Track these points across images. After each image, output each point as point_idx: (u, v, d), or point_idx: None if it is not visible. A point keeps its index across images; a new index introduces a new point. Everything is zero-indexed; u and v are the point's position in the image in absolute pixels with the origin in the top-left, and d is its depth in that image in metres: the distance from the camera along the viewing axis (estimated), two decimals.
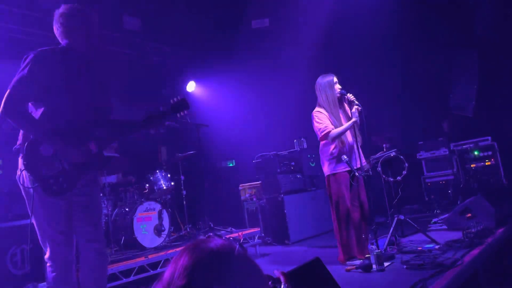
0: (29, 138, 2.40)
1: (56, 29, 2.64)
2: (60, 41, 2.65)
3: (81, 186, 2.55)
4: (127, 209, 4.98)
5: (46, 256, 2.49)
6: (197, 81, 8.61)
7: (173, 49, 8.17)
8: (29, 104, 2.46)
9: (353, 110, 4.07)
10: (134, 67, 7.51)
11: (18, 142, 2.48)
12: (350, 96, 4.05)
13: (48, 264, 2.50)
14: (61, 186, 2.42)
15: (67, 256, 2.50)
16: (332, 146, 4.07)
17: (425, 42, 7.31)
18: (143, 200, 5.03)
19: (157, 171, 5.54)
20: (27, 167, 2.37)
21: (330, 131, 4.03)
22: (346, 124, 4.03)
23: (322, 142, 4.18)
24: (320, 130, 4.08)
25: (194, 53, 8.38)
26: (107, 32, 6.96)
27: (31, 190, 2.40)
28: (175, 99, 2.83)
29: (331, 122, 4.06)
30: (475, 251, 3.56)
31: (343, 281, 2.60)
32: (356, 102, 4.01)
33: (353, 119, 4.02)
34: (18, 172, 2.47)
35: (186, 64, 8.47)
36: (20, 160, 2.45)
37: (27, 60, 2.41)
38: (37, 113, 2.44)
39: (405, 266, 3.44)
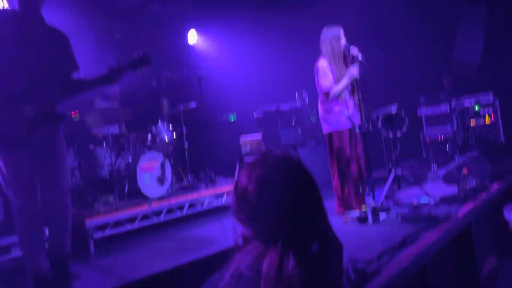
0: None
1: None
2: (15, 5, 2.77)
3: (38, 141, 2.69)
4: (130, 159, 5.06)
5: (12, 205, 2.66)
6: (198, 31, 8.43)
7: None
8: None
9: (350, 69, 4.02)
10: (135, 15, 7.34)
11: None
12: (353, 49, 3.99)
13: (14, 213, 2.67)
14: (17, 140, 2.62)
15: (31, 205, 2.67)
16: (334, 102, 4.07)
17: None
18: (146, 151, 5.10)
19: (159, 122, 5.57)
20: None
21: (330, 92, 4.03)
22: (342, 83, 4.00)
23: (322, 98, 4.17)
24: (324, 87, 4.06)
25: (195, 1, 8.16)
26: None
27: None
28: (136, 54, 2.85)
29: (334, 76, 4.03)
30: (469, 205, 3.66)
31: (339, 231, 2.68)
32: (359, 59, 3.96)
33: (348, 78, 3.99)
34: None
35: (188, 14, 8.27)
36: None
37: None
38: None
39: (399, 219, 3.56)
